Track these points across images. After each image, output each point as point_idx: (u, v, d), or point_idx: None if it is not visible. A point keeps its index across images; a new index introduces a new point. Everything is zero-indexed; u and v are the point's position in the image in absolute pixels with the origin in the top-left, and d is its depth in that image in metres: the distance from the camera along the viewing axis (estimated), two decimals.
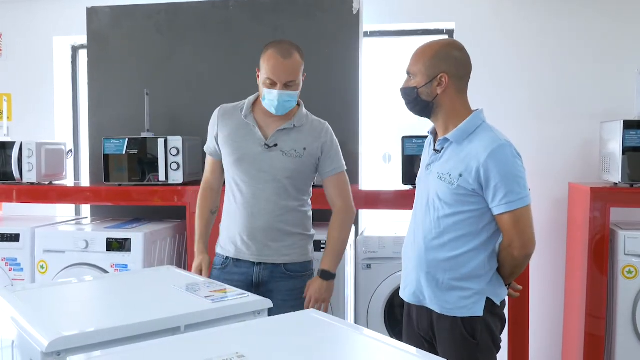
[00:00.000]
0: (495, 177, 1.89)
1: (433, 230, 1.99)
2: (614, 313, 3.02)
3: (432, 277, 1.99)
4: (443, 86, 1.97)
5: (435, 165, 2.02)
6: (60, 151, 3.72)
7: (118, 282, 2.23)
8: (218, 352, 1.34)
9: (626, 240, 2.98)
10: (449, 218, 1.97)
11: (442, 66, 1.97)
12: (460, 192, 1.93)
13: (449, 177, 1.95)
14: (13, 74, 4.28)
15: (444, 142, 2.01)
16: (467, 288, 1.96)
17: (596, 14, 3.61)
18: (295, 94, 2.38)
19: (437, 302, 2.00)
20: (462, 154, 1.95)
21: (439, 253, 1.98)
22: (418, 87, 1.99)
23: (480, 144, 1.93)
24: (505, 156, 1.91)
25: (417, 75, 1.99)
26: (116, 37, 3.80)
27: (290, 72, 2.33)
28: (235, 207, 2.43)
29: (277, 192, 2.39)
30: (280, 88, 2.33)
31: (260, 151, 2.39)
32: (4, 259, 3.33)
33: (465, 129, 1.97)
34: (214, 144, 2.51)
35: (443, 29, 3.88)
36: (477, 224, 1.96)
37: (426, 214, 2.02)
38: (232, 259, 2.44)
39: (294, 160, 2.40)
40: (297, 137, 2.42)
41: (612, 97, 3.56)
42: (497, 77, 3.71)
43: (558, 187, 3.61)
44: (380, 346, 1.45)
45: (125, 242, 3.15)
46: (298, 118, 2.44)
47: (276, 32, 3.60)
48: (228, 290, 1.89)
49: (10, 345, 1.69)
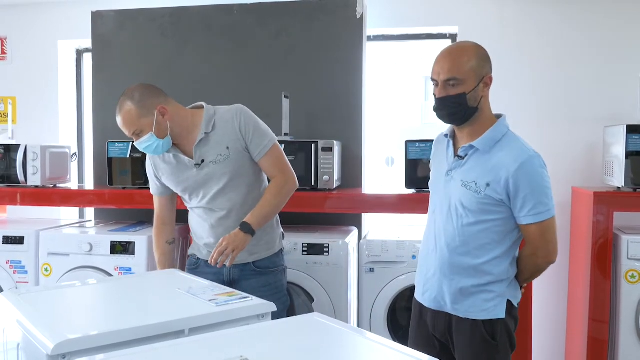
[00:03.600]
0: (525, 188, 1.88)
1: (457, 238, 1.97)
2: (617, 317, 3.01)
3: (457, 284, 1.98)
4: (488, 88, 1.94)
5: (457, 172, 1.98)
6: (65, 154, 3.73)
7: (122, 285, 2.23)
8: (222, 355, 1.34)
9: (629, 244, 2.97)
10: (474, 226, 1.95)
11: (487, 67, 1.95)
12: (487, 201, 1.91)
13: (475, 185, 1.92)
14: (18, 77, 4.30)
15: (469, 149, 1.96)
16: (490, 291, 1.96)
17: (600, 18, 3.61)
18: (149, 137, 2.32)
19: (459, 308, 1.99)
20: (489, 163, 1.92)
21: (463, 260, 1.97)
22: (467, 92, 1.90)
23: (510, 154, 1.90)
24: (535, 168, 1.90)
25: (465, 81, 1.90)
26: (121, 40, 3.82)
27: (125, 125, 2.32)
28: (196, 221, 2.48)
29: (228, 198, 2.38)
30: (135, 139, 2.35)
31: (195, 173, 2.39)
32: (8, 262, 3.34)
33: (492, 137, 1.94)
34: (157, 184, 2.54)
35: (446, 33, 3.89)
36: (502, 232, 1.96)
37: (448, 220, 1.99)
38: (203, 260, 2.46)
39: (225, 164, 2.36)
40: (215, 140, 2.37)
41: (615, 101, 3.56)
42: (500, 82, 3.69)
43: (561, 191, 3.61)
44: (383, 350, 1.46)
45: (129, 245, 3.16)
46: (205, 124, 2.37)
47: (280, 36, 3.62)
48: (232, 293, 1.89)
49: (15, 347, 1.70)
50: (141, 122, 2.32)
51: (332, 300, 2.98)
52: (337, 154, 3.19)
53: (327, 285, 2.98)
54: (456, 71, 1.90)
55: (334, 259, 2.99)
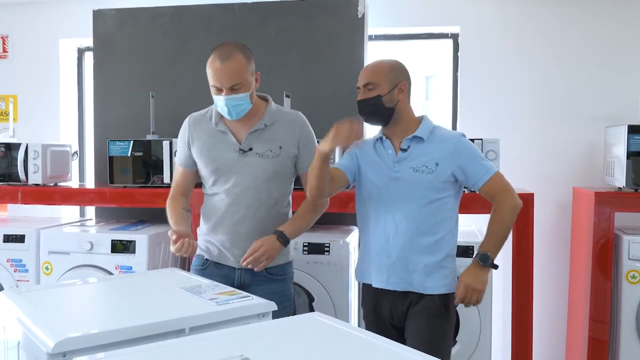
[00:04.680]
0: (467, 159, 2.22)
1: (418, 218, 2.21)
2: (617, 318, 3.01)
3: (422, 261, 2.21)
4: (403, 94, 2.25)
5: (405, 163, 2.24)
6: (66, 153, 3.73)
7: (123, 284, 2.23)
8: (223, 354, 1.34)
9: (630, 245, 2.97)
10: (430, 205, 2.21)
11: (401, 76, 2.27)
12: (440, 178, 2.21)
13: (426, 168, 2.21)
14: (19, 75, 4.31)
15: (412, 140, 2.26)
16: (446, 267, 2.24)
17: (601, 19, 3.61)
18: (244, 96, 2.26)
19: (423, 285, 2.21)
20: (431, 147, 2.24)
21: (424, 239, 2.22)
22: (382, 95, 2.22)
23: (444, 138, 2.26)
24: (466, 143, 2.27)
25: (380, 85, 2.23)
26: (122, 39, 3.82)
27: (231, 75, 2.22)
28: (216, 215, 2.37)
29: (259, 197, 2.33)
30: (226, 93, 2.23)
31: (235, 157, 2.33)
32: (9, 260, 3.34)
33: (426, 128, 2.27)
34: (186, 154, 2.43)
35: (448, 33, 3.88)
36: (451, 209, 2.26)
37: (405, 206, 2.22)
38: (212, 262, 2.40)
39: (270, 161, 2.33)
40: (271, 136, 2.35)
41: (616, 101, 3.56)
42: (501, 81, 3.72)
43: (562, 191, 3.61)
44: (383, 349, 1.46)
45: (130, 244, 3.16)
46: (268, 116, 2.36)
47: (281, 35, 3.62)
48: (232, 292, 1.89)
49: (16, 345, 1.70)
50: (246, 78, 2.25)
51: (332, 299, 2.98)
52: (338, 153, 3.18)
53: (328, 285, 2.99)
54: (372, 77, 2.25)
55: (334, 259, 3.00)
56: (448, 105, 3.93)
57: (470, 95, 3.74)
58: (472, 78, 3.74)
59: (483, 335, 2.92)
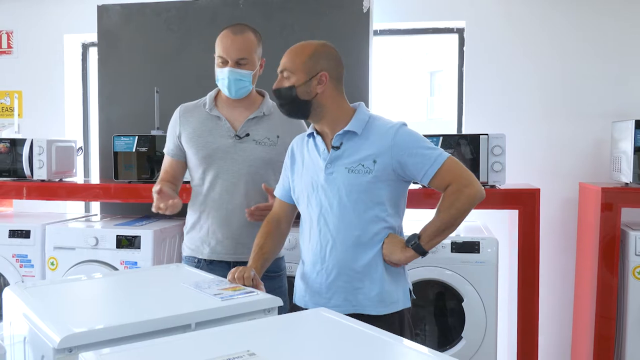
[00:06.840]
0: (411, 150, 1.92)
1: (358, 227, 1.95)
2: (624, 314, 3.00)
3: (363, 279, 1.96)
4: (323, 85, 1.96)
5: (338, 162, 1.97)
6: (71, 148, 3.74)
7: (128, 279, 2.23)
8: (229, 349, 1.34)
9: (637, 240, 2.96)
10: (369, 211, 1.94)
11: (322, 65, 1.98)
12: (379, 176, 1.93)
13: (362, 167, 1.94)
14: (24, 71, 4.31)
15: (343, 136, 1.98)
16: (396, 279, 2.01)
17: (607, 13, 3.59)
18: (248, 73, 2.25)
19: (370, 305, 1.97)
20: (367, 142, 1.95)
21: (364, 251, 1.96)
22: (296, 85, 1.96)
23: (381, 130, 1.96)
24: (408, 131, 1.98)
25: (295, 73, 1.96)
26: (126, 34, 3.81)
27: (240, 48, 2.22)
28: (207, 206, 2.33)
29: (254, 185, 2.29)
30: (232, 65, 2.22)
31: (230, 144, 2.29)
32: (14, 255, 3.35)
33: (361, 119, 1.99)
34: (175, 143, 2.39)
35: (453, 28, 3.87)
36: (395, 213, 1.99)
37: (343, 213, 1.95)
38: (204, 260, 2.36)
39: (267, 148, 2.31)
40: (269, 125, 2.33)
41: (623, 96, 3.54)
42: (507, 76, 3.70)
43: (568, 187, 3.59)
44: (389, 344, 1.45)
45: (135, 239, 3.16)
46: (266, 106, 2.35)
47: (285, 30, 3.60)
48: (237, 288, 1.89)
49: (22, 341, 1.70)
50: (253, 57, 2.27)
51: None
52: None
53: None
54: (288, 64, 1.98)
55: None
56: (453, 100, 3.92)
57: (475, 91, 3.73)
58: (478, 73, 3.72)
59: (489, 331, 2.91)
